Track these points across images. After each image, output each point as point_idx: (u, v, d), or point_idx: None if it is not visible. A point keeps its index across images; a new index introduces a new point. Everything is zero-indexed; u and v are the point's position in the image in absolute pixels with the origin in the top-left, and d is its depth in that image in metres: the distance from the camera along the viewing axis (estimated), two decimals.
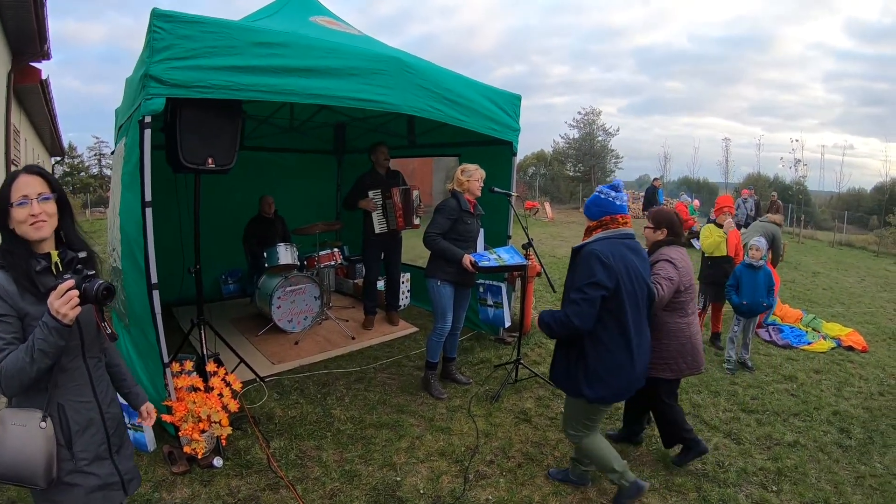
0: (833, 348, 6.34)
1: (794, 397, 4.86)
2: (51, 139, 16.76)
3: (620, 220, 2.98)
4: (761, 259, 5.36)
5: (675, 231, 3.58)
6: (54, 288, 1.63)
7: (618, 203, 2.99)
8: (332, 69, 3.58)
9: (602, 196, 3.04)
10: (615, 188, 3.06)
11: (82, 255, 1.86)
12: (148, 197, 3.23)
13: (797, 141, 45.67)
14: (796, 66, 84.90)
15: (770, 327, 6.80)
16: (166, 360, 3.47)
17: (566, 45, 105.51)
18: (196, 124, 3.49)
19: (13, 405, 1.81)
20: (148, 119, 3.12)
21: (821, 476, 3.61)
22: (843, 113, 78.00)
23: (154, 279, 3.33)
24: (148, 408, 2.27)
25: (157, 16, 3.00)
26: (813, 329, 6.86)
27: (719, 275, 5.94)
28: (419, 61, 4.23)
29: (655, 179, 18.64)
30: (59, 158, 24.53)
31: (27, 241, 1.78)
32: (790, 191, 32.67)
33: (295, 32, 3.53)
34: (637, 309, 2.90)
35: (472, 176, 4.33)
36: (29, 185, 1.77)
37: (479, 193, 4.39)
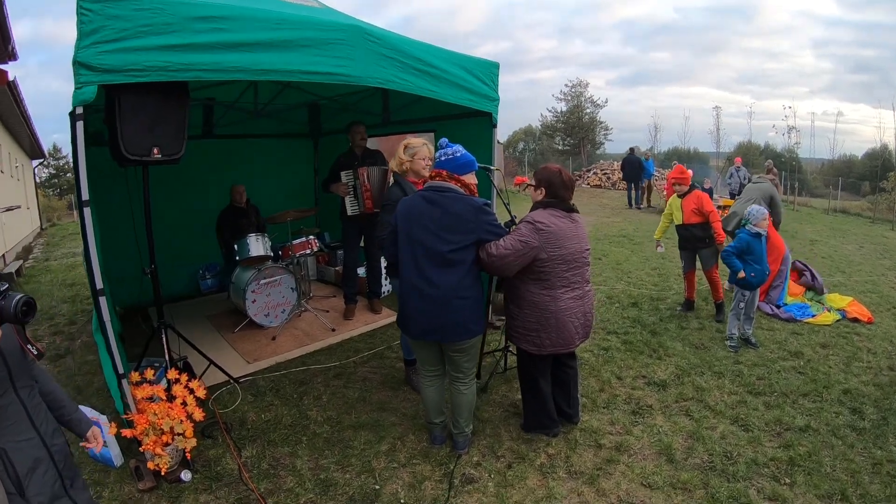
0: (838, 320, 6.08)
1: (801, 375, 4.60)
2: (29, 142, 16.20)
3: (430, 175, 3.30)
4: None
5: (556, 192, 3.33)
6: None
7: (436, 161, 3.30)
8: (282, 41, 3.23)
9: None
10: (438, 146, 3.34)
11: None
12: (85, 196, 2.91)
13: (790, 108, 45.37)
14: (783, 34, 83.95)
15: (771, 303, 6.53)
16: (121, 370, 3.17)
17: (550, 20, 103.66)
18: (137, 112, 3.13)
19: None
20: (80, 110, 2.79)
21: (836, 464, 3.35)
22: (831, 80, 77.30)
23: (99, 284, 3.02)
24: (94, 433, 2.03)
25: None
26: (817, 301, 6.60)
27: (680, 240, 6.26)
28: (383, 30, 3.87)
29: (631, 150, 18.16)
30: (40, 161, 23.97)
31: None
32: (782, 158, 32.41)
33: (238, 5, 3.17)
34: (412, 251, 3.14)
35: (417, 153, 3.87)
36: None
37: (426, 174, 3.81)
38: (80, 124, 2.79)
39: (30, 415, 1.71)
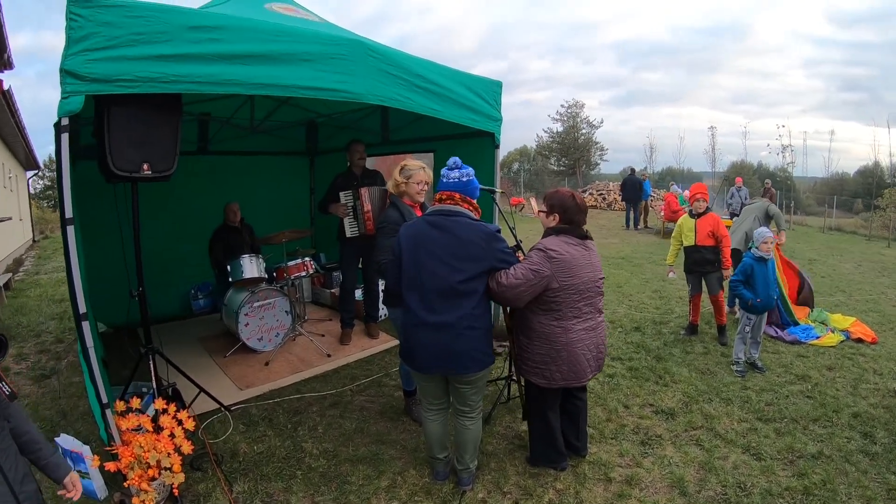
0: (842, 341, 5.99)
1: (810, 400, 4.47)
2: (24, 152, 16.01)
3: (437, 197, 3.05)
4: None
5: (570, 217, 3.16)
6: None
7: (444, 181, 3.06)
8: (280, 54, 3.10)
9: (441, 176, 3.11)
10: (449, 166, 3.10)
11: None
12: (69, 213, 2.74)
13: (784, 127, 45.65)
14: (775, 53, 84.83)
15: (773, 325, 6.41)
16: (104, 399, 2.99)
17: (544, 41, 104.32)
18: (127, 125, 2.99)
19: None
20: (65, 122, 2.63)
21: (851, 492, 3.22)
22: (822, 99, 78.29)
23: (82, 308, 2.84)
24: (72, 479, 1.90)
25: (74, 1, 2.52)
26: (820, 322, 6.49)
27: (689, 262, 6.02)
28: (384, 46, 3.76)
29: (632, 170, 18.31)
30: (35, 172, 23.75)
31: None
32: (777, 178, 32.60)
33: (235, 15, 3.04)
34: (419, 281, 2.93)
35: (412, 176, 3.70)
36: None
37: (420, 199, 3.78)
38: (65, 136, 2.63)
39: None
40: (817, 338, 6.02)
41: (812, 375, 4.98)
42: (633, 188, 17.17)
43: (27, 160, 17.70)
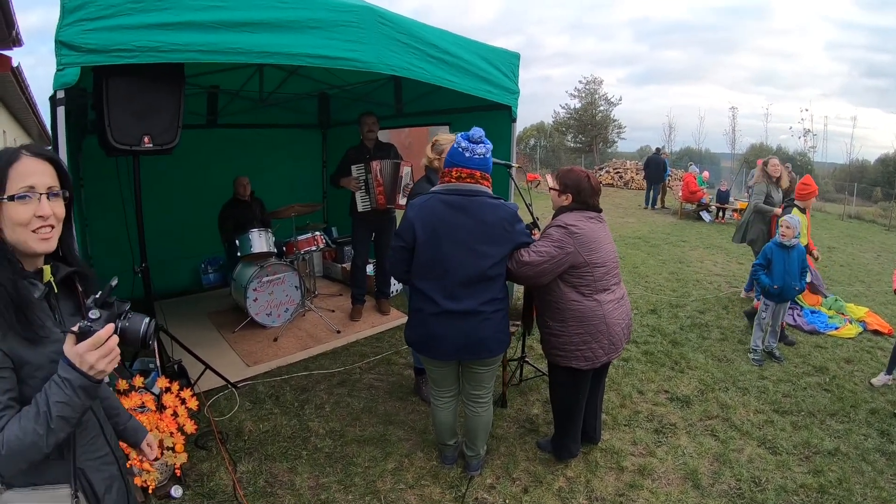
0: (861, 333, 5.84)
1: (828, 393, 4.35)
2: (37, 129, 16.07)
3: (455, 174, 2.74)
4: (794, 238, 4.80)
5: (584, 199, 3.02)
6: (87, 331, 1.18)
7: (466, 155, 2.73)
8: (286, 22, 2.95)
9: (454, 146, 2.79)
10: (470, 139, 2.76)
11: (113, 282, 1.34)
12: None
13: (807, 111, 44.64)
14: (795, 36, 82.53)
15: (793, 311, 6.25)
16: (107, 378, 2.92)
17: (562, 16, 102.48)
18: (127, 97, 2.88)
19: (15, 485, 1.30)
20: (61, 94, 2.52)
21: (866, 493, 3.12)
22: (845, 84, 76.08)
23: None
24: (149, 440, 1.82)
25: None
26: (837, 312, 6.33)
27: None
28: (396, 14, 3.59)
29: (657, 149, 18.15)
30: (48, 148, 23.90)
31: (14, 253, 1.26)
32: (797, 161, 31.95)
33: None
34: (441, 268, 2.72)
35: (445, 151, 3.46)
36: (37, 173, 1.27)
37: None
38: (60, 110, 2.53)
39: (103, 428, 1.50)
40: (836, 328, 5.88)
41: (830, 368, 4.85)
42: (656, 167, 16.90)
43: (41, 137, 17.80)
